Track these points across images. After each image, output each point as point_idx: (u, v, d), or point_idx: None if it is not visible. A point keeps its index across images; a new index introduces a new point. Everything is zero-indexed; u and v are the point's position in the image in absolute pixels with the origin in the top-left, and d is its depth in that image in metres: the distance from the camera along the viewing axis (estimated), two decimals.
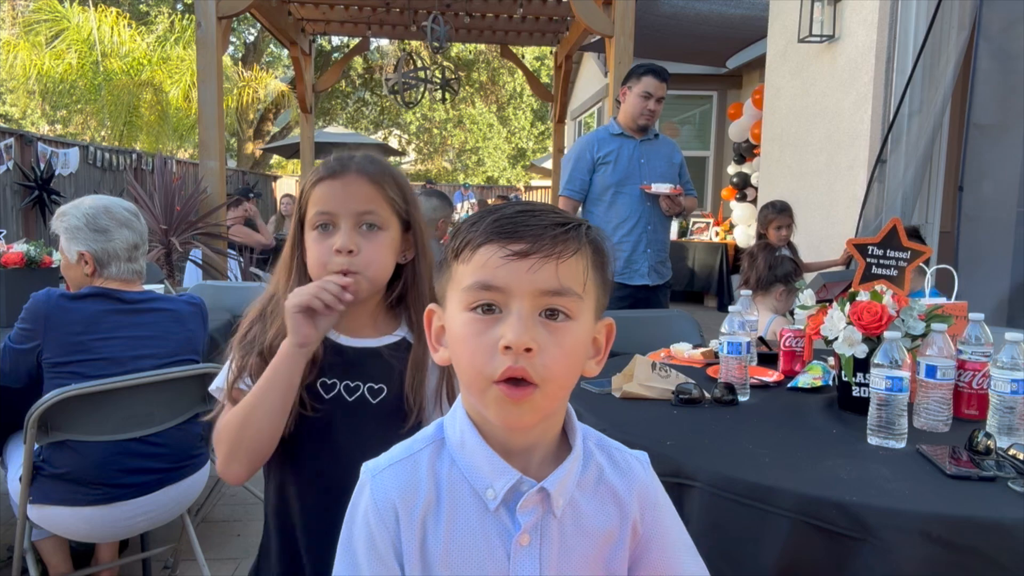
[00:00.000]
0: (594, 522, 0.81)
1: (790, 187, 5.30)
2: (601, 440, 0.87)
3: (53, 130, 12.66)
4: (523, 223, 0.75)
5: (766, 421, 1.60)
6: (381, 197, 1.18)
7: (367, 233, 1.17)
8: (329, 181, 1.17)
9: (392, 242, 1.20)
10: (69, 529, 1.98)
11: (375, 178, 1.19)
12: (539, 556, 0.77)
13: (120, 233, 2.05)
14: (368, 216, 1.17)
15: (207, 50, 5.25)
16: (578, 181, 3.40)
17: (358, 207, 1.16)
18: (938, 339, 1.49)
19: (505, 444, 0.78)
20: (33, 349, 1.91)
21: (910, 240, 1.72)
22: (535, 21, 8.55)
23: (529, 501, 0.77)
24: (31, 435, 1.81)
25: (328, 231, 1.16)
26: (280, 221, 8.05)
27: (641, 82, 3.46)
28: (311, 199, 1.18)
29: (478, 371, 0.74)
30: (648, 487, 0.86)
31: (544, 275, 0.73)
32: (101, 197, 2.13)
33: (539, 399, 0.74)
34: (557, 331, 0.74)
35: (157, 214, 4.74)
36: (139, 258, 2.10)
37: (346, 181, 1.17)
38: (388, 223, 1.19)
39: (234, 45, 17.37)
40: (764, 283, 2.91)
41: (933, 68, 3.74)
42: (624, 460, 0.87)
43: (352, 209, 1.16)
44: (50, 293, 1.94)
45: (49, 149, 7.35)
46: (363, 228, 1.17)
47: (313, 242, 1.17)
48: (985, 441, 1.29)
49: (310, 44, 9.28)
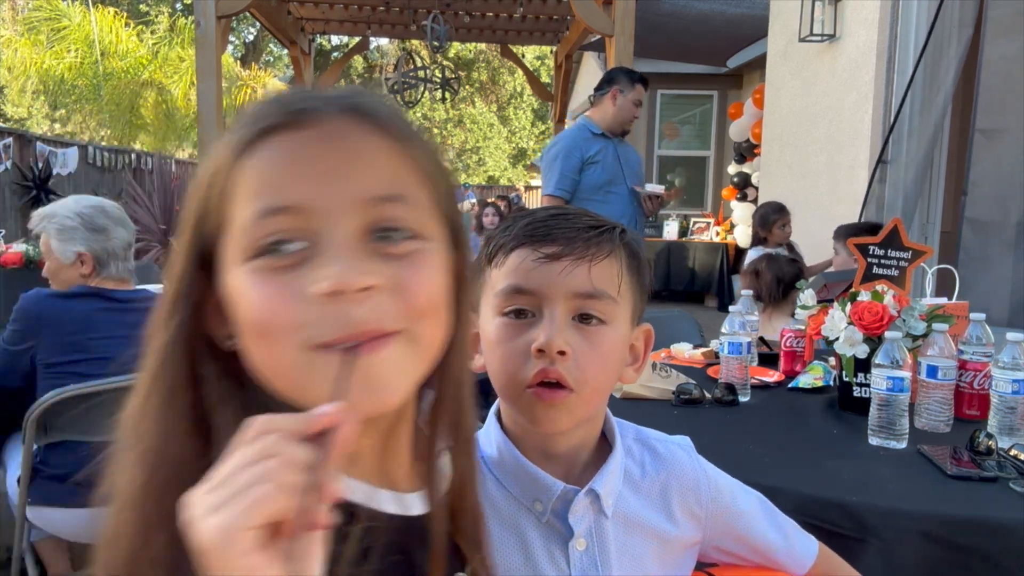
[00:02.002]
0: (646, 517, 0.81)
1: (791, 187, 5.29)
2: (640, 433, 0.87)
3: (52, 129, 12.66)
4: (556, 226, 0.75)
5: (767, 421, 1.60)
6: (408, 169, 0.54)
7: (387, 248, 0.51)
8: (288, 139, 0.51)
9: (442, 263, 0.54)
10: (68, 530, 1.98)
11: (391, 132, 0.54)
12: (597, 558, 0.77)
13: (117, 232, 2.04)
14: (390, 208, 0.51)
15: (206, 49, 5.25)
16: (569, 180, 3.39)
17: (367, 191, 0.51)
18: (939, 339, 1.48)
19: (546, 450, 0.78)
20: (27, 350, 1.91)
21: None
22: (535, 20, 8.54)
23: (579, 505, 0.76)
24: (30, 435, 1.80)
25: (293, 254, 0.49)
26: None
27: (635, 90, 3.50)
28: (239, 186, 0.51)
29: (511, 376, 0.73)
30: (696, 471, 0.85)
31: (577, 277, 0.73)
32: (84, 197, 2.12)
33: (574, 403, 0.73)
34: (591, 335, 0.74)
35: (156, 214, 4.74)
36: (131, 257, 2.10)
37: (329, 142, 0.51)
38: (427, 228, 0.54)
39: (233, 45, 17.38)
40: (777, 295, 2.83)
41: (935, 68, 3.74)
42: (667, 450, 0.85)
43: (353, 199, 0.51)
44: (39, 293, 1.93)
45: (48, 149, 7.35)
46: (374, 239, 0.50)
47: (255, 284, 0.49)
48: (986, 441, 1.29)
49: (310, 43, 9.27)
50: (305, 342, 0.48)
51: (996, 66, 3.09)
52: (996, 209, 3.10)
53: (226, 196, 0.51)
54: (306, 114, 0.51)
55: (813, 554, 0.89)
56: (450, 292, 0.54)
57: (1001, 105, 3.09)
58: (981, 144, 3.12)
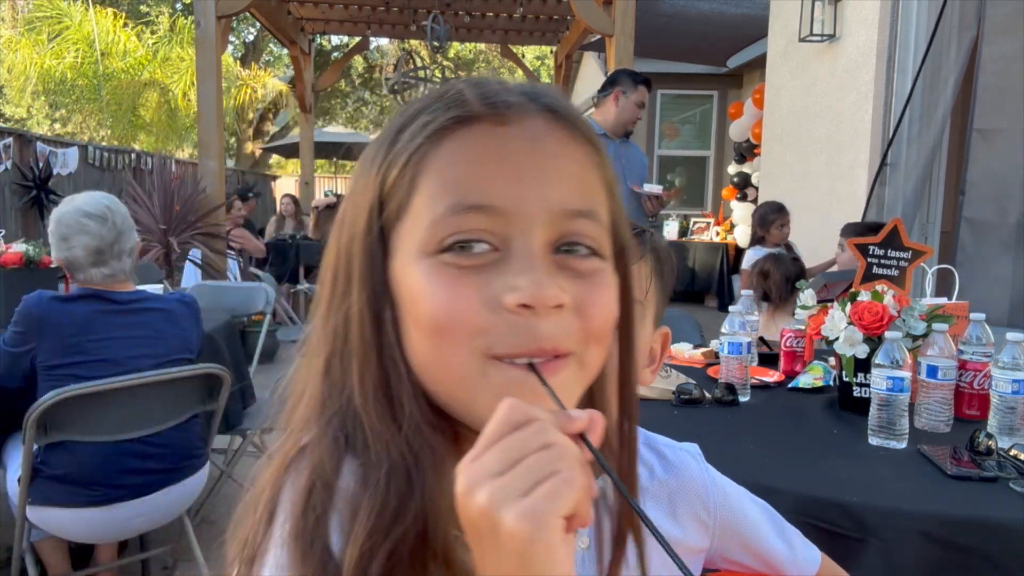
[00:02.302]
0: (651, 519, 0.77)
1: (791, 187, 5.29)
2: (649, 438, 0.83)
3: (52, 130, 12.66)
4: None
5: (767, 421, 1.60)
6: (597, 181, 0.52)
7: (572, 262, 0.50)
8: (489, 133, 0.49)
9: (615, 285, 0.53)
10: (68, 530, 1.98)
11: (587, 140, 0.52)
12: (597, 555, 0.74)
13: (78, 240, 1.97)
14: (580, 223, 0.50)
15: (206, 49, 5.24)
16: None
17: (565, 203, 0.49)
18: (939, 339, 1.48)
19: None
20: (27, 352, 1.91)
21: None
22: (535, 20, 8.54)
23: None
24: (30, 436, 1.80)
25: (481, 255, 0.48)
26: (280, 221, 8.02)
27: (638, 91, 3.50)
28: (430, 174, 0.48)
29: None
30: (705, 480, 0.83)
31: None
32: (73, 198, 2.07)
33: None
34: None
35: (156, 214, 4.73)
36: (109, 261, 2.00)
37: (533, 143, 0.49)
38: (605, 246, 0.52)
39: (233, 45, 17.37)
40: (786, 294, 2.86)
41: (936, 71, 3.74)
42: (676, 456, 0.83)
43: (551, 208, 0.49)
44: (41, 295, 1.93)
45: (48, 148, 7.35)
46: (560, 252, 0.49)
47: (440, 281, 0.47)
48: (986, 441, 1.29)
49: (309, 43, 9.27)
50: (483, 349, 0.46)
51: (994, 66, 3.09)
52: (994, 209, 3.10)
53: (414, 181, 0.48)
54: (508, 108, 0.49)
55: (817, 564, 0.89)
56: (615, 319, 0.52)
57: (999, 105, 3.09)
58: (979, 144, 3.12)
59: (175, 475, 2.03)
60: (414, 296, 0.47)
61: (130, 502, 1.94)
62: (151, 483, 1.97)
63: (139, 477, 1.95)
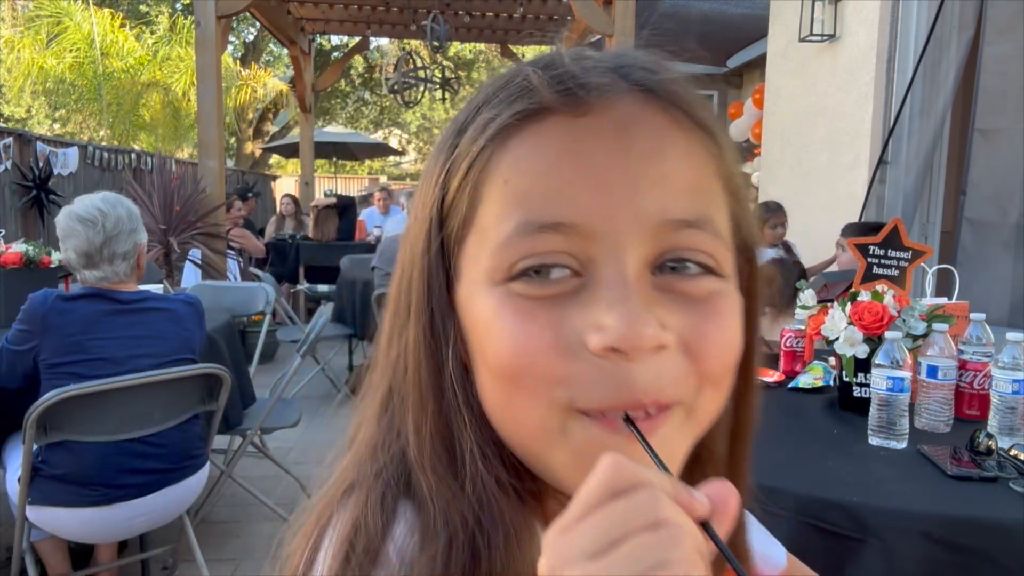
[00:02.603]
0: None
1: (791, 187, 5.29)
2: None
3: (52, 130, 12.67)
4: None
5: (767, 421, 1.59)
6: (713, 179, 0.42)
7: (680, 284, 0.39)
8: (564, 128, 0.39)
9: (738, 310, 0.42)
10: (68, 530, 1.98)
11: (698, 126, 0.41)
12: None
13: (68, 243, 2.01)
14: (689, 235, 0.39)
15: (206, 49, 5.24)
16: None
17: (667, 211, 0.39)
18: (939, 339, 1.48)
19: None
20: (30, 350, 1.92)
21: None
22: (535, 20, 8.54)
23: None
24: (30, 435, 1.80)
25: (559, 281, 0.38)
26: (280, 221, 8.01)
27: None
28: (495, 184, 0.40)
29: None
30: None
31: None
32: (81, 198, 2.08)
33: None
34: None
35: (156, 214, 4.73)
36: (100, 264, 2.00)
37: (621, 139, 0.39)
38: (725, 261, 0.41)
39: (233, 44, 17.37)
40: (788, 301, 2.86)
41: (935, 68, 3.74)
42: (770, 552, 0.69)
43: (648, 219, 0.38)
44: (47, 294, 1.94)
45: (48, 148, 7.35)
46: (664, 271, 0.39)
47: (510, 317, 0.39)
48: (986, 441, 1.29)
49: (309, 43, 9.27)
50: (562, 401, 0.37)
51: (995, 66, 3.09)
52: (995, 209, 3.10)
53: (477, 192, 0.40)
54: (588, 93, 0.39)
55: (782, 565, 0.87)
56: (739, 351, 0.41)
57: (1000, 105, 3.09)
58: (980, 144, 3.12)
59: (175, 475, 2.03)
60: (482, 332, 0.39)
61: (130, 502, 1.94)
62: (151, 483, 1.97)
63: (139, 477, 1.95)
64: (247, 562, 2.62)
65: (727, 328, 0.39)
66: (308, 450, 3.69)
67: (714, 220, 0.39)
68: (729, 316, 0.40)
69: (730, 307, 0.40)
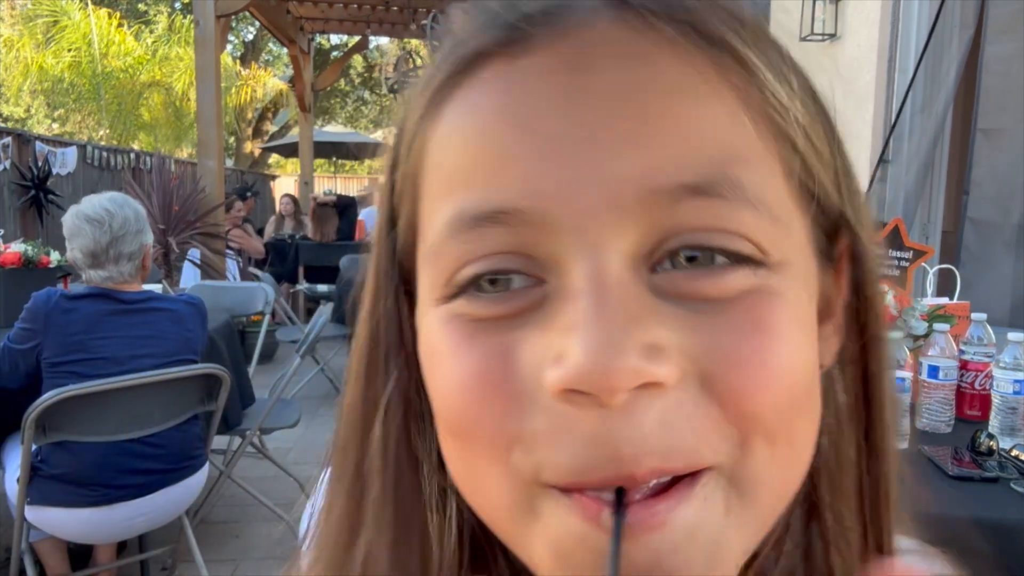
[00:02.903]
0: None
1: None
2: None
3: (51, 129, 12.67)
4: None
5: None
6: (744, 120, 0.26)
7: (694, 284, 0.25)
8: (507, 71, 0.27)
9: (804, 316, 0.28)
10: (67, 530, 1.98)
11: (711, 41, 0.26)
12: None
13: (76, 242, 2.03)
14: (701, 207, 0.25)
15: (205, 49, 5.24)
16: None
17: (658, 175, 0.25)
18: (940, 339, 1.48)
19: None
20: (33, 349, 1.92)
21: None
22: None
23: None
24: (29, 435, 1.80)
25: (514, 295, 0.26)
26: (280, 221, 8.01)
27: None
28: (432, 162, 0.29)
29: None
30: None
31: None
32: (88, 198, 2.09)
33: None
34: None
35: (155, 214, 4.73)
36: (105, 264, 2.01)
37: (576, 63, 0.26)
38: (779, 241, 0.26)
39: (233, 44, 17.37)
40: None
41: (936, 68, 3.74)
42: None
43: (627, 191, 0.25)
44: (51, 293, 1.94)
45: (47, 148, 7.34)
46: (668, 266, 0.26)
47: (450, 347, 0.27)
48: (987, 442, 1.29)
49: (309, 43, 9.28)
50: (524, 470, 0.25)
51: (996, 66, 3.09)
52: (997, 209, 3.10)
53: (416, 180, 0.29)
54: (532, 23, 0.26)
55: None
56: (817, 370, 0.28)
57: (1002, 105, 3.10)
58: (982, 144, 3.12)
59: (174, 475, 2.03)
60: (427, 374, 0.29)
61: (129, 502, 1.94)
62: (150, 483, 1.97)
63: (138, 477, 1.95)
64: (246, 562, 2.62)
65: (775, 346, 0.25)
66: (308, 450, 3.68)
67: (743, 181, 0.25)
68: (778, 326, 0.25)
69: (780, 312, 0.25)
